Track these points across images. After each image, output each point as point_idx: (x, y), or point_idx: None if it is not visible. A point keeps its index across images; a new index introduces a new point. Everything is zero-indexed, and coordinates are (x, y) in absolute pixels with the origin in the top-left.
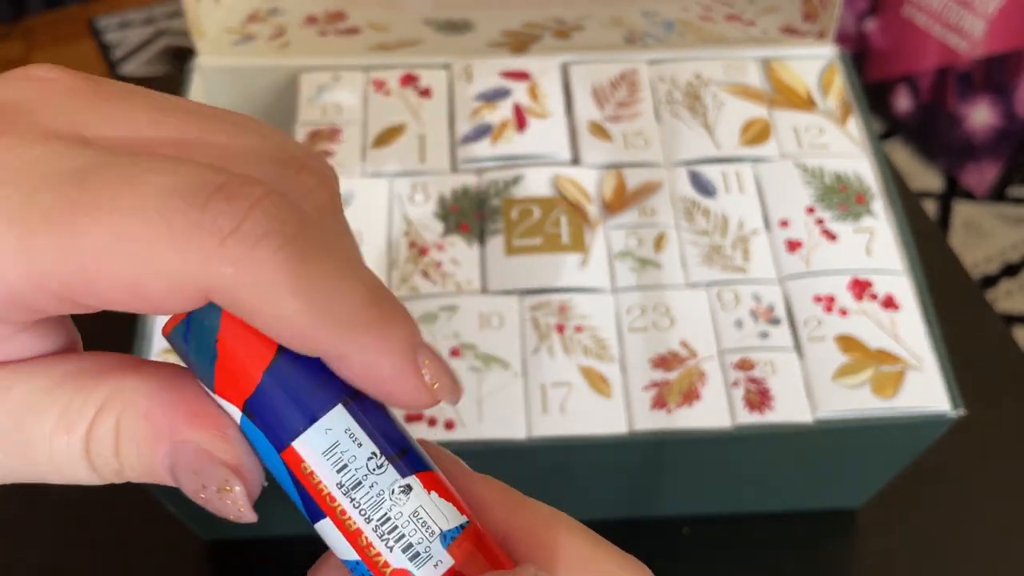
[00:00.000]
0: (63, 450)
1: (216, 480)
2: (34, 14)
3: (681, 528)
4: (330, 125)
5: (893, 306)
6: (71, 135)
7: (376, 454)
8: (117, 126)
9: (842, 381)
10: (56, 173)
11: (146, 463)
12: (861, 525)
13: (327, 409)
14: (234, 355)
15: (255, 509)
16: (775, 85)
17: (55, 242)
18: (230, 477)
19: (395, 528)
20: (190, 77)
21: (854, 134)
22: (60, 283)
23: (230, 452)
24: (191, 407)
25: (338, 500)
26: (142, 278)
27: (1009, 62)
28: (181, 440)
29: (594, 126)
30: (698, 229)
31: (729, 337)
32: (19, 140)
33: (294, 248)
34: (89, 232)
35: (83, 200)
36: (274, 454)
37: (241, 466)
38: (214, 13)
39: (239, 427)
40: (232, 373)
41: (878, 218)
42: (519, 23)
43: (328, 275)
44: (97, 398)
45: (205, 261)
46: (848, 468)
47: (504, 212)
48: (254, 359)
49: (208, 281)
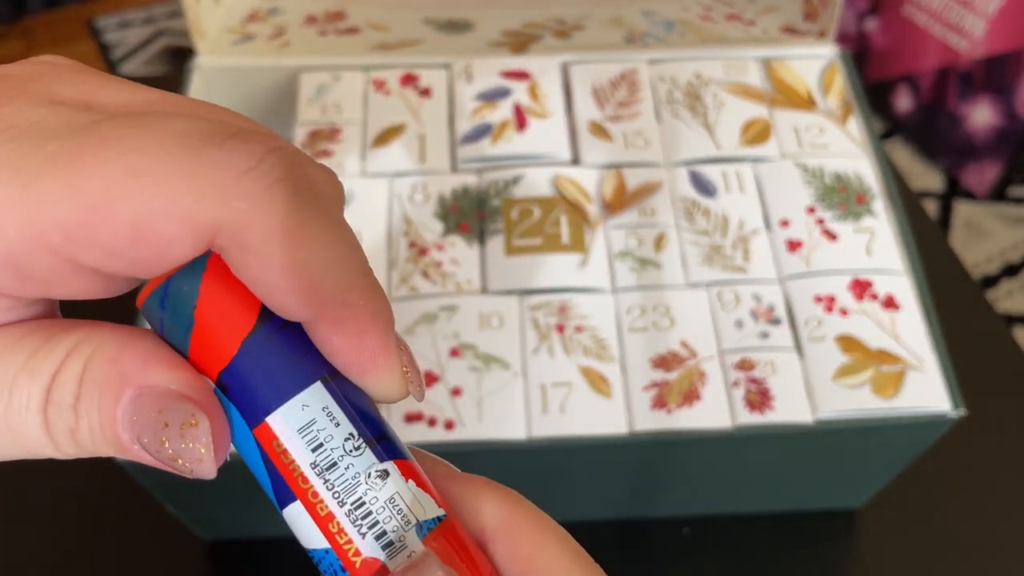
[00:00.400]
0: (22, 401)
1: (181, 415)
2: (34, 14)
3: (681, 528)
4: (330, 125)
5: (893, 306)
6: (78, 102)
7: (353, 435)
8: (124, 99)
9: (842, 381)
10: (65, 126)
11: (106, 414)
12: (861, 525)
13: (305, 385)
14: (212, 324)
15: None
16: (775, 85)
17: (62, 181)
18: (196, 411)
19: (369, 514)
20: (190, 77)
21: (854, 134)
22: (62, 231)
23: (201, 392)
24: (162, 358)
25: (311, 481)
26: (151, 216)
27: (1010, 62)
28: (147, 384)
29: (594, 126)
30: (698, 229)
31: (729, 337)
32: (27, 102)
33: (304, 201)
34: (99, 170)
35: (91, 143)
36: (246, 431)
37: (211, 408)
38: (214, 13)
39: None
40: (208, 342)
41: (878, 218)
42: (519, 23)
43: (332, 237)
44: (67, 343)
45: (219, 196)
46: (848, 468)
47: (504, 212)
48: (232, 329)
49: (219, 218)
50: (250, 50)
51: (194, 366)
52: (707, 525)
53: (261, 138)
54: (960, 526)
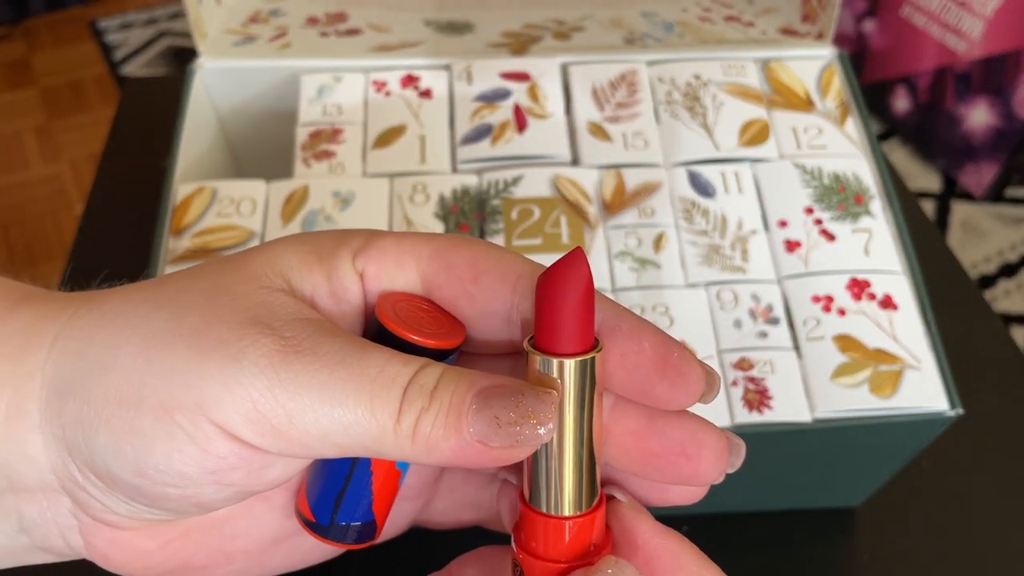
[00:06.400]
0: (389, 374)
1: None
2: (35, 15)
3: (680, 528)
4: (331, 126)
5: (891, 306)
6: None
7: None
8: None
9: (840, 381)
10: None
11: (459, 397)
12: (860, 524)
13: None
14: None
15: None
16: (774, 86)
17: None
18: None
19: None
20: (191, 78)
21: (853, 135)
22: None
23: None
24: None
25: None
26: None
27: (1007, 63)
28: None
29: (594, 126)
30: (697, 229)
31: (728, 337)
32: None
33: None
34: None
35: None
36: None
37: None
38: (215, 14)
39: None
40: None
41: (876, 218)
42: (519, 24)
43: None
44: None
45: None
46: (846, 467)
47: (504, 212)
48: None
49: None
50: (251, 51)
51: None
52: (707, 525)
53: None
54: (958, 525)
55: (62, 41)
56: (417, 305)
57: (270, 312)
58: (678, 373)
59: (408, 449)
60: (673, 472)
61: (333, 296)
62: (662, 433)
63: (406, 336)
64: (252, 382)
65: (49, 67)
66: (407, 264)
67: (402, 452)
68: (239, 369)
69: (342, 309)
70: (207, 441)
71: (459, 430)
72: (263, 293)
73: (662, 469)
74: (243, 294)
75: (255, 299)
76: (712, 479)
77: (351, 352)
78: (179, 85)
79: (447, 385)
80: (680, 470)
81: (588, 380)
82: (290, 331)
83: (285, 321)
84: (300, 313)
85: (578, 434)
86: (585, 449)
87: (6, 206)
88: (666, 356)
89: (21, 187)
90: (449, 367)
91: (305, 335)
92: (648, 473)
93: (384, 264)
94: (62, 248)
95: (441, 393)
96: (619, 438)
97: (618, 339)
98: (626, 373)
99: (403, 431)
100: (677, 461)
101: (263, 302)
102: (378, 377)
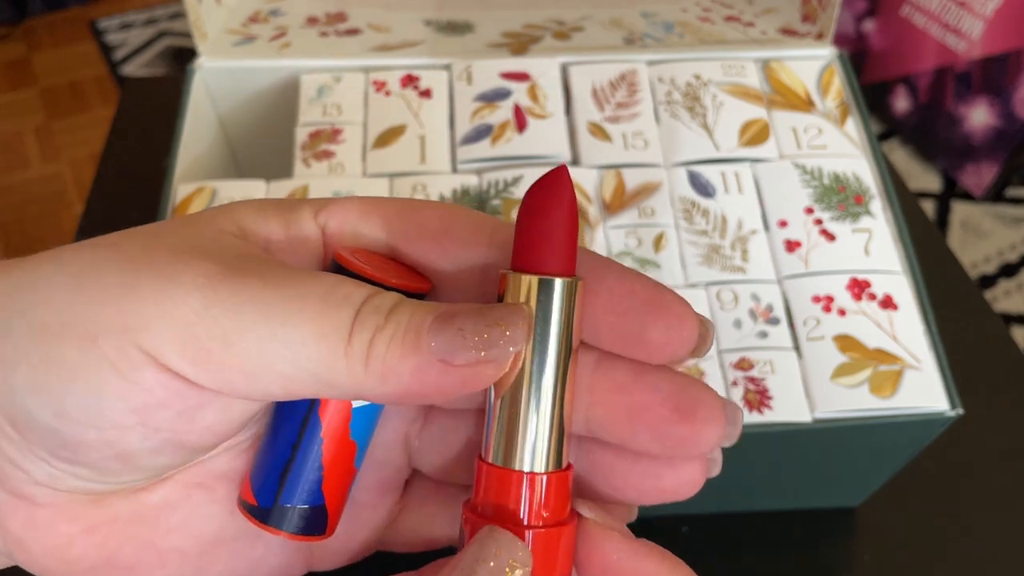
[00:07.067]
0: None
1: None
2: (35, 15)
3: (680, 527)
4: (331, 126)
5: (892, 306)
6: None
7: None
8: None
9: (841, 381)
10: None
11: (419, 314)
12: (860, 524)
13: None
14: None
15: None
16: (774, 86)
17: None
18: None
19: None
20: (191, 78)
21: (853, 135)
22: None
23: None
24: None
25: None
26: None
27: (1007, 63)
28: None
29: (593, 127)
30: (697, 229)
31: (728, 337)
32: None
33: None
34: None
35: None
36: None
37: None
38: (215, 14)
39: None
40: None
41: (876, 218)
42: (519, 24)
43: None
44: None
45: None
46: (847, 467)
47: (504, 212)
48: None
49: None
50: (251, 51)
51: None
52: (706, 525)
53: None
54: (958, 525)
55: (62, 41)
56: (380, 257)
57: (219, 246)
58: (673, 313)
59: (361, 375)
60: (664, 432)
61: (289, 244)
62: (652, 386)
63: (365, 272)
64: (186, 300)
65: (49, 67)
66: (373, 219)
67: (355, 380)
68: (175, 287)
69: (300, 260)
70: (132, 370)
71: (418, 348)
72: (212, 231)
73: (651, 427)
74: (191, 234)
75: (203, 235)
76: (708, 443)
77: (299, 273)
78: (179, 85)
79: (405, 307)
80: (672, 429)
81: (566, 309)
82: (236, 261)
83: (233, 254)
84: (250, 251)
85: (551, 375)
86: (556, 398)
87: (6, 206)
88: (658, 298)
89: (21, 187)
90: (408, 298)
91: (252, 264)
92: (635, 435)
93: (347, 219)
94: None
95: (399, 314)
96: (604, 394)
97: (607, 280)
98: (617, 317)
99: (355, 353)
100: (669, 417)
101: (212, 237)
102: (328, 296)
